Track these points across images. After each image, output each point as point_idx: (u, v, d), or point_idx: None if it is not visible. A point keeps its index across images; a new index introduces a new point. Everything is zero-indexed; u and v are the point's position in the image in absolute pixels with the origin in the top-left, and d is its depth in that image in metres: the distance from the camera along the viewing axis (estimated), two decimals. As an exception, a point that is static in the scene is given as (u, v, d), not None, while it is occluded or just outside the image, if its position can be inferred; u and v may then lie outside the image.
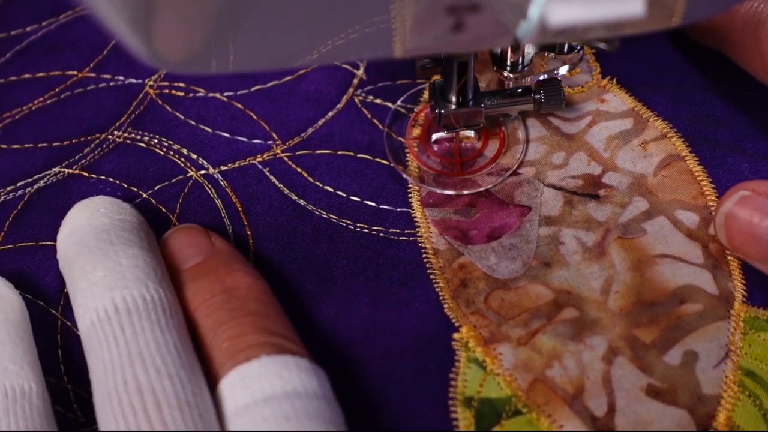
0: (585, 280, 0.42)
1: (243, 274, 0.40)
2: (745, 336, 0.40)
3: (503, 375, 0.40)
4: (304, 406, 0.34)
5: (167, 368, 0.34)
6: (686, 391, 0.39)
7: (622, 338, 0.40)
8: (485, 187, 0.44)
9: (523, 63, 0.44)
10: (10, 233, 0.45)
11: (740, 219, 0.39)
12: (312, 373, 0.36)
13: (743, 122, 0.45)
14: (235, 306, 0.38)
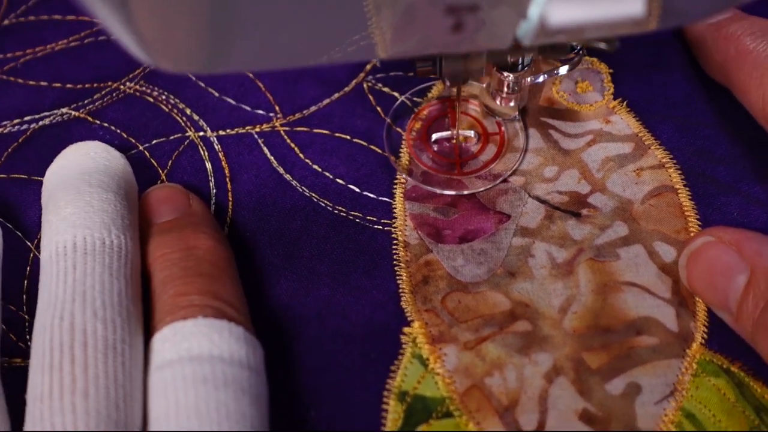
0: (546, 295, 0.41)
1: (207, 237, 0.40)
2: (695, 378, 0.39)
3: (443, 375, 0.40)
4: (224, 371, 0.34)
5: (104, 312, 0.35)
6: (620, 422, 0.38)
7: (568, 359, 0.39)
8: (470, 191, 0.44)
9: (523, 63, 0.43)
10: (6, 164, 0.46)
11: (700, 264, 0.39)
12: (244, 342, 0.36)
13: (744, 163, 0.44)
14: (189, 265, 0.39)
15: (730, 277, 0.38)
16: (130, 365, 0.35)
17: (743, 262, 0.37)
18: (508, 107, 0.46)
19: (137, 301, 0.38)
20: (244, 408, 0.34)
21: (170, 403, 0.34)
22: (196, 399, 0.33)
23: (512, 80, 0.44)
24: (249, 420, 0.34)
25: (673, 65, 0.48)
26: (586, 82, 0.48)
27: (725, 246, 0.38)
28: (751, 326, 0.37)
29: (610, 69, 0.48)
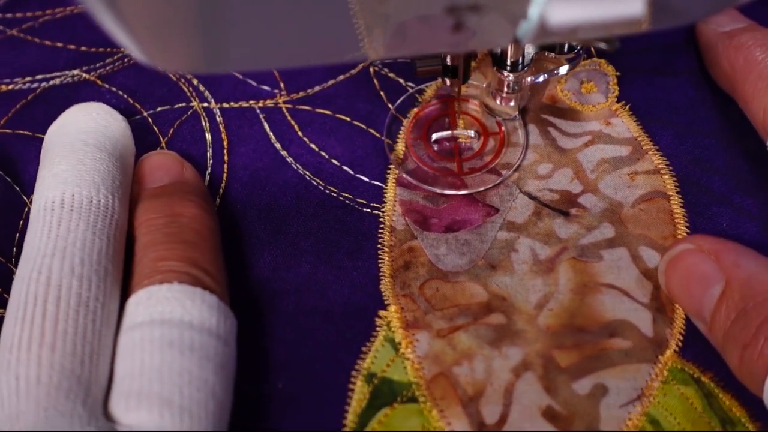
0: (524, 290, 0.41)
1: (194, 205, 0.41)
2: (664, 385, 0.39)
3: (412, 361, 0.40)
4: (191, 338, 0.35)
5: (82, 269, 0.36)
6: (583, 422, 0.38)
7: (539, 355, 0.39)
8: (469, 191, 0.44)
9: (523, 63, 0.43)
10: (13, 120, 0.47)
11: (678, 271, 0.39)
12: (216, 311, 0.37)
13: (740, 176, 0.44)
14: (172, 231, 0.39)
15: (705, 286, 0.37)
16: (100, 323, 0.35)
17: (720, 273, 0.37)
18: (508, 107, 0.46)
19: (118, 261, 0.38)
20: (207, 374, 0.35)
21: (135, 363, 0.34)
22: (161, 362, 0.34)
23: (512, 80, 0.44)
24: (211, 386, 0.34)
25: (681, 71, 0.47)
26: (591, 83, 0.47)
27: (704, 255, 0.38)
28: (722, 337, 0.36)
29: (618, 72, 0.47)
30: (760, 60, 0.42)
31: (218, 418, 0.34)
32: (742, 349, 0.35)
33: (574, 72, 0.48)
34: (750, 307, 0.35)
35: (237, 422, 0.37)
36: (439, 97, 0.48)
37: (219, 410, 0.35)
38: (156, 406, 0.33)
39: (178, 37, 0.30)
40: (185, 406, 0.33)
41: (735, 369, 0.36)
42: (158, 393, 0.33)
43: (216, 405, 0.34)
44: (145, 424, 0.33)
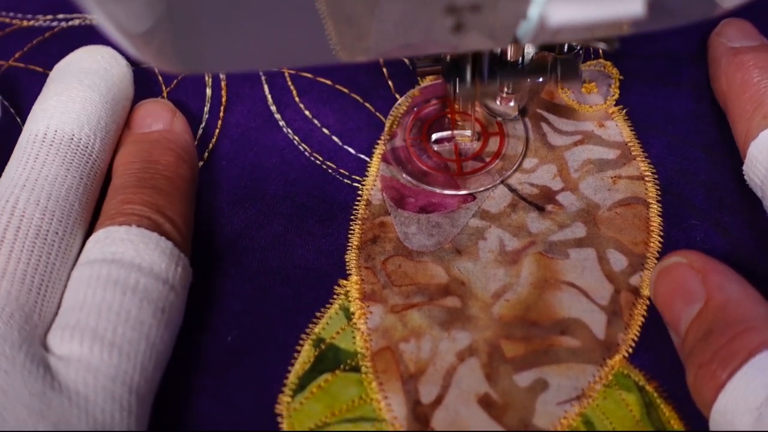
0: (485, 278, 0.41)
1: (172, 154, 0.41)
2: (607, 388, 0.38)
3: (362, 332, 0.40)
4: (137, 279, 0.35)
5: (47, 203, 0.37)
6: (516, 414, 0.38)
7: (486, 343, 0.39)
8: (468, 191, 0.44)
9: (522, 63, 0.43)
10: (28, 55, 0.48)
11: (666, 283, 0.38)
12: (169, 257, 0.37)
13: (723, 193, 0.43)
14: (144, 176, 0.40)
15: (687, 302, 0.37)
16: (55, 257, 0.36)
17: (702, 291, 0.37)
18: (508, 107, 0.45)
19: (87, 200, 0.39)
20: (145, 316, 0.35)
21: (78, 298, 0.35)
22: (101, 299, 0.35)
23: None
24: (147, 328, 0.35)
25: (685, 82, 0.46)
26: (592, 84, 0.47)
27: (692, 272, 0.37)
28: (687, 353, 0.36)
29: (621, 76, 0.47)
30: (755, 82, 0.41)
31: (151, 359, 0.35)
32: (698, 368, 0.35)
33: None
34: (715, 330, 0.35)
35: (181, 369, 0.38)
36: (439, 97, 0.47)
37: (152, 352, 0.35)
38: (87, 340, 0.33)
39: (159, 41, 0.30)
40: (116, 342, 0.34)
41: (690, 386, 0.36)
42: (93, 328, 0.34)
43: (149, 347, 0.35)
44: (75, 356, 0.33)
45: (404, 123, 0.46)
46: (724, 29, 0.45)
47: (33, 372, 0.32)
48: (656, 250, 0.41)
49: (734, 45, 0.44)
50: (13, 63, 0.48)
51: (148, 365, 0.35)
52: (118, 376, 0.33)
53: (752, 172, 0.40)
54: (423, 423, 0.37)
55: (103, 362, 0.33)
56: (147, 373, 0.34)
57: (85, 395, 0.32)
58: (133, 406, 0.33)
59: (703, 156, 0.44)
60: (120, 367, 0.33)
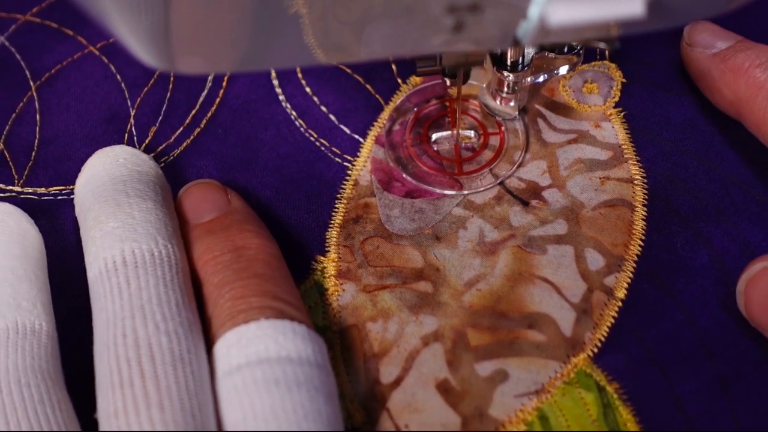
0: (460, 267, 0.41)
1: (254, 235, 0.39)
2: (567, 386, 0.38)
3: (332, 308, 0.40)
4: (294, 371, 0.33)
5: (166, 324, 0.34)
6: (472, 402, 0.37)
7: (452, 330, 0.39)
8: (468, 191, 0.43)
9: (523, 63, 0.42)
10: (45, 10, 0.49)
11: (759, 289, 0.37)
12: (308, 340, 0.35)
13: (710, 202, 0.42)
14: (241, 266, 0.37)
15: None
16: (199, 374, 0.34)
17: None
18: (508, 107, 0.45)
19: (194, 309, 0.37)
20: (320, 406, 0.33)
21: (246, 408, 0.33)
22: (271, 402, 0.33)
23: (512, 80, 0.43)
24: (326, 417, 0.33)
25: (687, 90, 0.45)
26: (594, 84, 0.46)
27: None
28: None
29: (624, 79, 0.46)
30: (763, 81, 0.40)
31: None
32: None
33: (582, 70, 0.46)
34: None
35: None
36: (439, 97, 0.47)
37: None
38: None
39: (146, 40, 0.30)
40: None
41: None
42: None
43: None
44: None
45: (404, 123, 0.46)
46: (694, 38, 0.43)
47: None
48: (635, 254, 0.41)
49: (714, 51, 0.42)
50: (29, 17, 0.49)
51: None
52: None
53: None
54: (380, 402, 0.37)
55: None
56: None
57: None
58: None
59: (695, 164, 0.43)
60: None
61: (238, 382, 0.33)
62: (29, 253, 0.39)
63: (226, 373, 0.34)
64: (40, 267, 0.39)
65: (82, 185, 0.40)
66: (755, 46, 0.41)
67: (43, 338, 0.36)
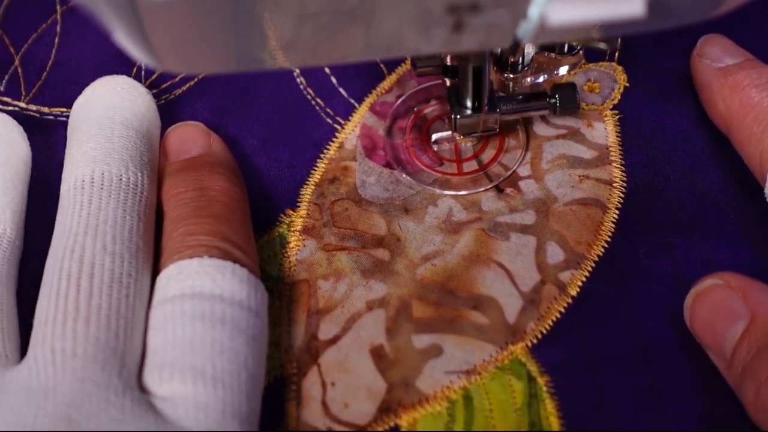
0: (421, 241, 0.41)
1: (222, 178, 0.40)
2: (498, 371, 0.37)
3: (289, 260, 0.40)
4: (223, 310, 0.34)
5: (114, 246, 0.35)
6: (401, 372, 0.37)
7: (398, 299, 0.39)
8: (468, 191, 0.43)
9: (523, 63, 0.42)
10: None
11: (705, 306, 0.36)
12: (246, 283, 0.35)
13: (682, 215, 0.41)
14: (201, 205, 0.38)
15: (730, 322, 0.35)
16: (133, 298, 0.35)
17: (746, 309, 0.35)
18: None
19: (149, 237, 0.38)
20: (240, 347, 0.34)
21: (168, 336, 0.34)
22: (192, 334, 0.33)
23: (512, 80, 0.42)
24: (243, 358, 0.34)
25: (686, 102, 0.44)
26: (597, 84, 0.45)
27: (731, 291, 0.36)
28: (740, 372, 0.34)
29: (627, 83, 0.45)
30: (756, 102, 0.39)
31: (251, 388, 0.34)
32: (759, 385, 0.33)
33: (588, 68, 0.46)
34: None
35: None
36: (439, 97, 0.46)
37: (251, 381, 0.34)
38: (189, 378, 0.32)
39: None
40: (218, 377, 0.32)
41: (749, 405, 0.33)
42: (191, 364, 0.32)
43: (248, 376, 0.33)
44: (179, 395, 0.32)
45: (404, 123, 0.45)
46: (705, 49, 0.42)
47: (143, 416, 0.31)
48: (597, 254, 0.40)
49: (720, 65, 0.41)
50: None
51: (251, 394, 0.33)
52: (226, 410, 0.32)
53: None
54: (313, 357, 0.38)
55: (210, 398, 0.32)
56: (251, 403, 0.33)
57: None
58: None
59: (677, 177, 0.42)
60: (227, 401, 0.32)
61: (168, 311, 0.34)
62: (12, 163, 0.40)
63: (159, 302, 0.35)
64: (20, 179, 0.40)
65: (78, 106, 0.41)
66: (760, 67, 0.41)
67: (4, 242, 0.38)
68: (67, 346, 0.32)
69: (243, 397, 0.33)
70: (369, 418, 0.36)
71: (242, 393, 0.33)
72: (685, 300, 0.37)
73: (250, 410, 0.33)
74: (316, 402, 0.37)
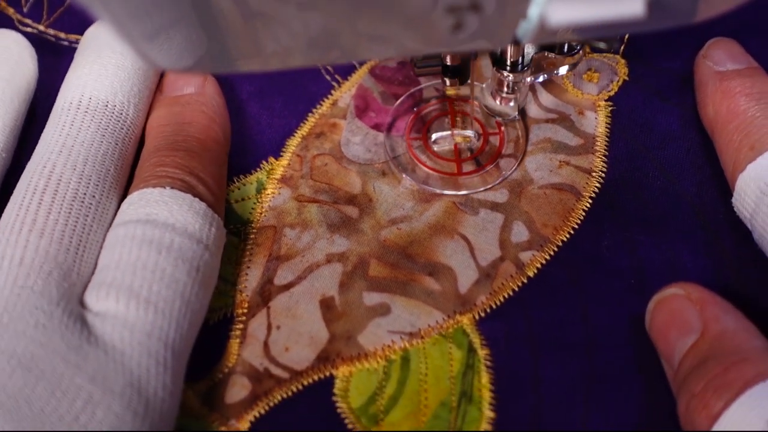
0: (392, 204, 0.41)
1: (205, 117, 0.40)
2: (441, 337, 0.37)
3: (261, 205, 0.41)
4: (172, 239, 0.35)
5: (84, 168, 0.36)
6: (346, 325, 0.38)
7: (358, 256, 0.39)
8: (468, 191, 0.42)
9: (522, 63, 0.41)
10: None
11: (662, 313, 0.36)
12: (202, 217, 0.36)
13: (652, 215, 0.40)
14: (177, 139, 0.39)
15: (683, 333, 0.35)
16: (93, 219, 0.36)
17: (699, 323, 0.34)
18: (508, 107, 0.43)
19: (123, 164, 0.39)
20: (181, 276, 0.34)
21: (115, 257, 0.34)
22: (137, 257, 0.34)
23: (512, 80, 0.42)
24: (182, 286, 0.34)
25: (682, 103, 0.43)
26: (597, 74, 0.45)
27: (690, 303, 0.35)
28: (679, 384, 0.34)
29: (627, 77, 0.45)
30: (742, 110, 0.39)
31: (186, 316, 0.34)
32: (691, 397, 0.32)
33: (591, 57, 0.45)
34: (711, 359, 0.33)
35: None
36: (439, 97, 0.45)
37: (187, 310, 0.34)
38: (124, 297, 0.33)
39: None
40: (152, 300, 0.33)
41: (681, 415, 0.33)
42: (128, 285, 0.33)
43: (184, 304, 0.34)
44: (111, 312, 0.33)
45: (404, 122, 0.45)
46: (711, 51, 0.42)
47: (70, 327, 0.32)
48: (561, 239, 0.40)
49: (720, 69, 0.41)
50: None
51: (183, 322, 0.34)
52: (153, 332, 0.32)
53: (741, 205, 0.38)
54: (264, 299, 0.38)
55: (139, 318, 0.32)
56: (182, 330, 0.34)
57: (122, 350, 0.32)
58: (169, 361, 0.33)
59: (657, 176, 0.41)
60: (155, 324, 0.33)
61: (120, 234, 0.35)
62: (17, 80, 0.41)
63: (116, 225, 0.36)
64: (21, 97, 0.41)
65: (88, 33, 0.42)
66: (758, 76, 0.40)
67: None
68: (17, 254, 0.33)
69: (174, 324, 0.33)
70: (306, 364, 0.37)
71: (174, 320, 0.33)
72: (648, 304, 0.37)
73: (180, 337, 0.33)
74: (258, 342, 0.37)
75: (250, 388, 0.36)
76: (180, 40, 0.28)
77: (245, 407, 0.36)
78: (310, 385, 0.36)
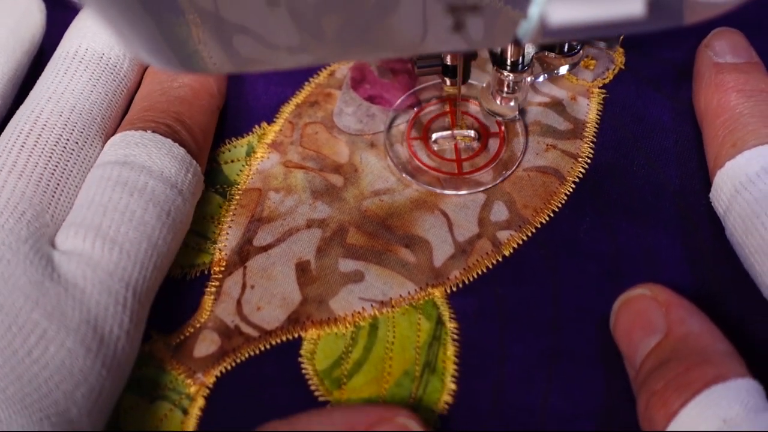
0: (378, 177, 0.41)
1: (204, 77, 0.40)
2: (411, 308, 0.37)
3: (250, 168, 0.41)
4: (145, 181, 0.35)
5: (70, 113, 0.37)
6: (318, 290, 0.38)
7: (338, 224, 0.39)
8: (468, 191, 0.41)
9: (523, 63, 0.41)
10: None
11: (627, 314, 0.35)
12: (180, 163, 0.36)
13: (633, 206, 0.39)
14: (171, 85, 0.39)
15: (647, 334, 0.34)
16: (73, 164, 0.36)
17: (664, 325, 0.34)
18: (508, 107, 0.43)
19: (113, 115, 0.39)
20: (150, 218, 0.34)
21: (90, 196, 0.34)
22: (109, 197, 0.34)
23: (512, 80, 0.41)
24: (150, 228, 0.34)
25: (676, 95, 0.43)
26: (594, 62, 0.44)
27: (656, 304, 0.35)
28: (639, 383, 0.33)
29: (624, 66, 0.44)
30: (731, 106, 0.38)
31: (152, 260, 0.34)
32: (650, 396, 0.32)
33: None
34: (672, 359, 0.32)
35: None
36: (438, 97, 0.45)
37: (154, 253, 0.34)
38: (90, 237, 0.33)
39: None
40: (118, 240, 0.33)
41: (640, 415, 0.33)
42: (97, 225, 0.33)
43: (151, 247, 0.34)
44: (77, 250, 0.33)
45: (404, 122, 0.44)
46: (713, 41, 0.41)
47: (35, 263, 0.32)
48: (540, 221, 0.39)
49: (719, 60, 0.40)
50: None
51: (148, 264, 0.34)
52: (116, 272, 0.32)
53: (716, 200, 0.37)
54: (242, 258, 0.38)
55: (103, 258, 0.32)
56: (146, 272, 0.34)
57: (82, 287, 0.32)
58: (129, 301, 0.33)
59: (643, 166, 0.41)
60: (119, 264, 0.33)
61: (97, 174, 0.35)
62: (21, 31, 0.42)
63: (96, 166, 0.36)
64: (23, 48, 0.42)
65: None
66: (755, 72, 0.39)
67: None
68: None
69: (138, 266, 0.33)
70: (276, 324, 0.37)
71: (139, 262, 0.33)
72: (614, 305, 0.36)
73: (144, 279, 0.33)
74: (231, 300, 0.37)
75: (219, 344, 0.36)
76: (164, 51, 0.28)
77: (213, 362, 0.36)
78: (278, 345, 0.36)
